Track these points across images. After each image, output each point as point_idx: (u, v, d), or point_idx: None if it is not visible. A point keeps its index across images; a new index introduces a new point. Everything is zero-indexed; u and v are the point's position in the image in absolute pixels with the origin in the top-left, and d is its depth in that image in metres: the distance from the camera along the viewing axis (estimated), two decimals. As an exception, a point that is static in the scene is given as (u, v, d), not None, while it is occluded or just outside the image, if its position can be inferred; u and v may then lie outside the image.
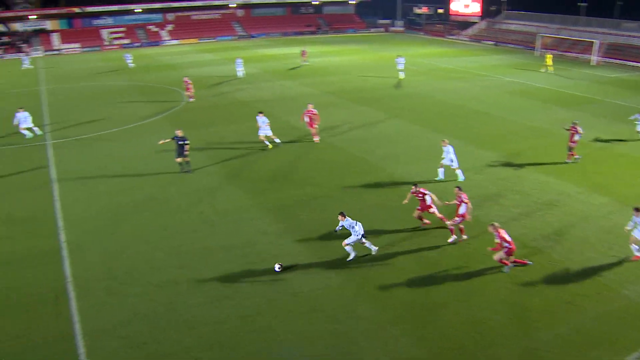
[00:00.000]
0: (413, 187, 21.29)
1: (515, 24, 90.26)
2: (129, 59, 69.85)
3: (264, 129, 31.65)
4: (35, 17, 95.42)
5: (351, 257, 19.24)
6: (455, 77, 54.75)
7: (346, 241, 19.01)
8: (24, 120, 36.39)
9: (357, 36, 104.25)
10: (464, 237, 20.28)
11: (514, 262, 18.14)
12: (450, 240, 20.13)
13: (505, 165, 28.42)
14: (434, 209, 21.17)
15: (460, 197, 19.78)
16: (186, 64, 70.47)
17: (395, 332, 15.33)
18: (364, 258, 19.26)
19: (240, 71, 58.00)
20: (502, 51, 77.83)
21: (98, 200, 25.48)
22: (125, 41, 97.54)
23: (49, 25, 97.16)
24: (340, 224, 19.06)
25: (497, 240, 17.78)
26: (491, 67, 61.69)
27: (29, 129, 36.64)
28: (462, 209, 19.64)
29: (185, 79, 46.86)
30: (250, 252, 19.80)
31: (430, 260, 19.02)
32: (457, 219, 19.84)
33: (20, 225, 23.29)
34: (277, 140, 32.33)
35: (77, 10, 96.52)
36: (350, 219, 18.94)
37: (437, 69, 60.36)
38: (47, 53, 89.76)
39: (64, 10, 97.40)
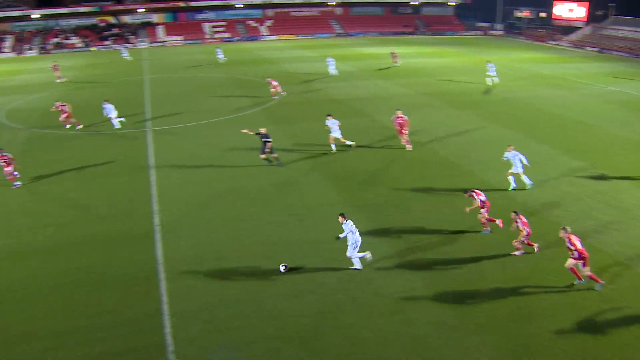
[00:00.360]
0: (465, 192, 21.16)
1: (624, 30, 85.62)
2: (220, 53, 71.53)
3: (335, 130, 31.36)
4: (143, 10, 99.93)
5: (358, 265, 18.70)
6: (555, 84, 52.66)
7: (349, 253, 18.38)
8: (110, 111, 37.98)
9: (454, 38, 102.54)
10: (536, 246, 19.41)
11: (590, 276, 17.10)
12: (516, 253, 19.26)
13: (603, 178, 26.94)
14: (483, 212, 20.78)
15: (517, 221, 18.75)
16: (283, 59, 71.68)
17: (476, 342, 14.93)
18: (450, 265, 18.88)
19: (333, 69, 58.22)
20: (606, 59, 74.15)
21: (192, 188, 26.39)
22: (226, 35, 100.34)
23: (155, 18, 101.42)
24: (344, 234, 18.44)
25: (569, 246, 16.99)
26: (594, 75, 58.90)
27: (114, 120, 38.09)
28: (525, 230, 18.78)
29: (269, 79, 47.49)
30: (337, 249, 19.87)
31: (518, 271, 18.35)
32: (522, 238, 18.89)
33: (119, 207, 24.52)
34: (349, 143, 31.76)
35: (182, 4, 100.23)
36: (351, 222, 18.49)
37: (536, 75, 58.33)
38: (152, 44, 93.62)
39: (170, 4, 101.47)
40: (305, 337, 15.24)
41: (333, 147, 31.34)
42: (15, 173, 27.50)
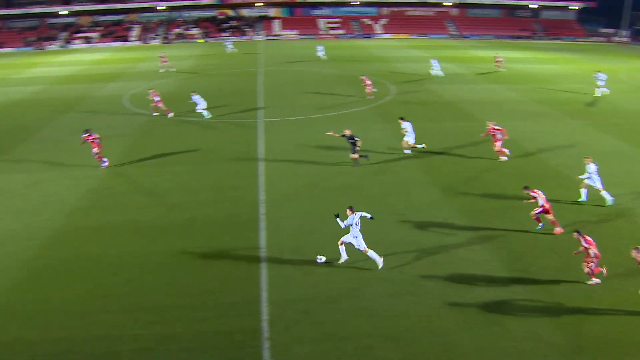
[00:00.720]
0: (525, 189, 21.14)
1: None
2: (321, 51, 71.33)
3: (410, 134, 30.55)
4: (261, 4, 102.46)
5: (342, 259, 18.82)
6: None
7: (357, 245, 18.36)
8: (200, 102, 39.06)
9: (573, 45, 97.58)
10: (604, 270, 17.91)
11: None
12: (591, 282, 17.72)
13: None
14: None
15: (583, 241, 17.28)
16: (395, 58, 71.32)
17: (579, 363, 14.17)
18: (555, 279, 17.95)
19: (437, 70, 57.10)
20: None
21: (297, 180, 26.81)
22: (340, 31, 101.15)
23: (272, 12, 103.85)
24: (347, 220, 18.41)
25: None
26: None
27: (199, 109, 39.14)
28: (592, 251, 17.38)
29: (363, 77, 47.19)
30: (438, 252, 19.52)
31: (630, 295, 17.19)
32: (591, 263, 17.29)
33: (226, 193, 25.37)
34: (421, 146, 31.02)
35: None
36: (359, 214, 18.49)
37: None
38: (268, 38, 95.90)
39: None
40: (399, 338, 15.06)
41: (408, 151, 30.69)
42: (105, 161, 29.12)
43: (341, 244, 18.79)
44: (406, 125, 30.39)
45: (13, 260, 19.84)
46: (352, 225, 18.34)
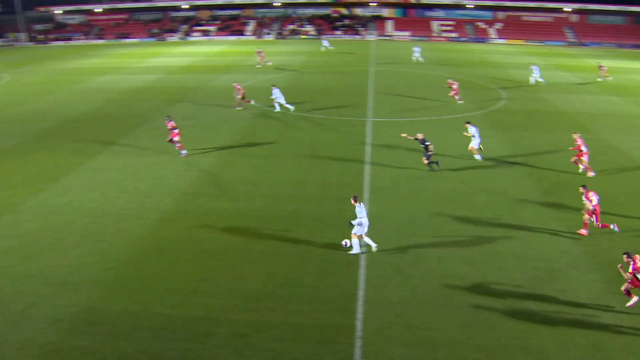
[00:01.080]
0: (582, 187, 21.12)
1: None
2: (418, 52, 69.36)
3: (476, 139, 29.52)
4: (375, 4, 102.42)
5: (354, 250, 19.46)
6: None
7: (353, 231, 19.27)
8: (279, 95, 39.80)
9: None
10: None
11: None
12: (629, 304, 16.41)
13: None
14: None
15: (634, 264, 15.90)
16: (509, 64, 69.01)
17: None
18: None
19: (537, 77, 54.61)
20: None
21: (403, 183, 26.59)
22: (453, 35, 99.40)
23: (385, 12, 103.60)
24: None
25: None
26: None
27: (280, 104, 40.07)
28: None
29: (450, 80, 45.85)
30: (542, 268, 18.67)
31: None
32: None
33: (332, 190, 25.55)
34: (478, 157, 29.93)
35: (413, 0, 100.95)
36: (363, 205, 19.37)
37: None
38: (380, 37, 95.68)
39: (401, 0, 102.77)
40: (492, 350, 14.55)
41: (478, 157, 29.86)
42: (184, 151, 30.39)
43: (359, 238, 19.51)
44: (473, 130, 29.64)
45: (125, 237, 20.98)
46: (359, 214, 19.19)
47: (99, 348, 14.76)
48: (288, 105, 40.09)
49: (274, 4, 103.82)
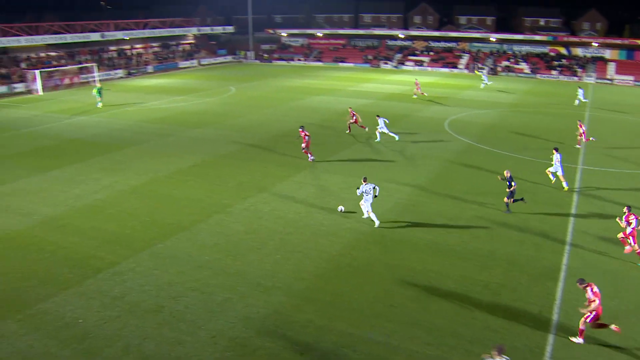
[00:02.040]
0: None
1: None
2: (582, 94, 61.85)
3: (557, 166, 30.08)
4: (597, 44, 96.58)
5: (377, 224, 24.46)
6: None
7: (369, 209, 24.60)
8: (382, 125, 40.46)
9: None
10: None
11: None
12: None
13: None
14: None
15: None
16: None
17: None
18: None
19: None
20: None
21: (609, 239, 24.39)
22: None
23: (608, 54, 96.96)
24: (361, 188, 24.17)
25: None
26: None
27: (383, 133, 40.89)
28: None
29: (580, 123, 40.98)
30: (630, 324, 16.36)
31: None
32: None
33: (530, 235, 24.41)
34: (566, 184, 30.34)
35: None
36: (370, 184, 24.34)
37: None
38: (598, 81, 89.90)
39: (627, 42, 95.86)
40: None
41: (565, 184, 30.48)
42: (312, 157, 34.81)
43: (369, 213, 24.60)
44: (557, 158, 30.04)
45: (321, 251, 22.14)
46: (364, 192, 24.26)
47: (280, 353, 15.67)
48: (393, 134, 40.89)
49: (490, 39, 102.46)
